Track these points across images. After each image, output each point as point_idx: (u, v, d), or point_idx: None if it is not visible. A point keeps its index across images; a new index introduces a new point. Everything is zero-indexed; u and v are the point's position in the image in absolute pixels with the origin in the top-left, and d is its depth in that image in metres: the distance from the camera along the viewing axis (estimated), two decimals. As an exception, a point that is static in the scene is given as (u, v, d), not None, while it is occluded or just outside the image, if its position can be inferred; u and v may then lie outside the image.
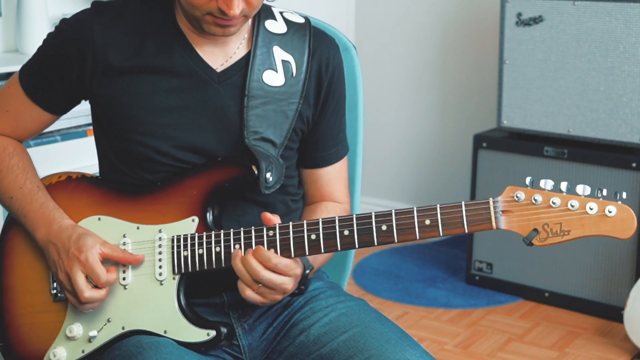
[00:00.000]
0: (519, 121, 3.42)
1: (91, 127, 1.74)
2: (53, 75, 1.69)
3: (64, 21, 1.69)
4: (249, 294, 1.56)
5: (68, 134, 2.74)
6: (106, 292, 1.62)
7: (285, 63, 1.68)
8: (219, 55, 1.67)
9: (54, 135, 2.72)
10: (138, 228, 1.65)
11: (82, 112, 1.75)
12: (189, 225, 1.63)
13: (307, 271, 1.61)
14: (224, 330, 1.60)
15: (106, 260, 1.62)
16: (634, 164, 3.17)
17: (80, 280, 1.60)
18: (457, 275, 3.69)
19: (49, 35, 1.71)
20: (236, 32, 1.62)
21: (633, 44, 3.14)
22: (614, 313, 3.27)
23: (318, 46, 1.71)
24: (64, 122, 2.71)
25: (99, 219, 1.68)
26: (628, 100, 3.18)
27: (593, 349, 3.11)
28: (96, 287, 1.61)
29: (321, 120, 1.74)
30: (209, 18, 1.58)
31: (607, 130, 3.23)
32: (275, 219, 1.58)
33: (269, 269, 1.54)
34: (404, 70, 4.14)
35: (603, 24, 3.18)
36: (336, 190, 1.80)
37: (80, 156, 2.69)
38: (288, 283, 1.56)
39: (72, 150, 2.73)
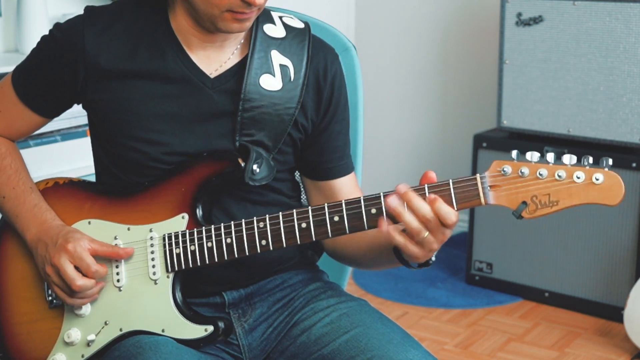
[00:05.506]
0: (519, 121, 3.42)
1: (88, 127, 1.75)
2: (44, 80, 1.69)
3: (57, 27, 1.68)
4: (412, 248, 1.50)
5: (68, 134, 2.74)
6: (97, 285, 1.61)
7: (283, 67, 1.67)
8: (214, 61, 1.66)
9: (54, 135, 2.72)
10: (129, 229, 1.65)
11: (82, 112, 1.74)
12: (179, 222, 1.63)
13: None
14: (221, 325, 1.60)
15: (97, 258, 1.62)
16: (634, 164, 3.17)
17: (70, 269, 1.59)
18: (457, 275, 3.69)
19: (42, 39, 1.70)
20: (250, 26, 1.61)
21: (633, 44, 3.14)
22: (614, 313, 3.27)
23: (315, 54, 1.69)
24: (64, 122, 2.71)
25: (89, 222, 1.67)
26: (628, 100, 3.18)
27: (593, 349, 3.11)
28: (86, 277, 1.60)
29: (325, 129, 1.72)
30: (228, 15, 1.56)
31: (607, 130, 3.23)
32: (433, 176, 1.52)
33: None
34: (404, 70, 4.14)
35: (603, 24, 3.19)
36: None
37: (80, 156, 2.69)
38: (448, 233, 1.51)
39: (72, 150, 2.73)
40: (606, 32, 3.18)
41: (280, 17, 1.71)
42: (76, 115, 2.70)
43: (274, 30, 1.69)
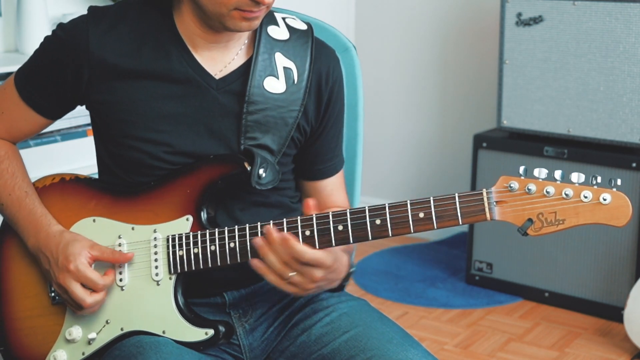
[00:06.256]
0: (519, 121, 3.42)
1: (91, 127, 1.74)
2: (48, 81, 1.69)
3: (60, 27, 1.68)
4: (283, 284, 1.53)
5: (68, 134, 2.74)
6: (105, 294, 1.62)
7: (286, 70, 1.66)
8: (218, 61, 1.66)
9: (54, 135, 2.72)
10: (133, 228, 1.65)
11: (82, 112, 1.74)
12: (183, 224, 1.63)
13: (353, 269, 1.63)
14: (222, 329, 1.60)
15: (99, 263, 1.63)
16: (634, 164, 3.17)
17: (77, 290, 1.60)
18: (457, 275, 3.69)
19: (46, 39, 1.70)
20: (258, 24, 1.61)
21: (633, 44, 3.14)
22: (614, 313, 3.27)
23: (318, 58, 1.69)
24: (64, 122, 2.71)
25: (94, 220, 1.67)
26: (628, 100, 3.18)
27: (593, 349, 3.11)
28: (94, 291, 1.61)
29: (321, 134, 1.73)
30: (236, 13, 1.55)
31: (607, 130, 3.23)
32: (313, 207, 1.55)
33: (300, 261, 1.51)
34: (404, 70, 4.14)
35: (603, 24, 3.19)
36: (338, 199, 1.80)
37: (80, 156, 2.69)
38: (318, 272, 1.53)
39: (72, 150, 2.73)
40: (606, 32, 3.18)
41: (284, 19, 1.71)
42: (76, 115, 2.69)
43: (278, 32, 1.68)
